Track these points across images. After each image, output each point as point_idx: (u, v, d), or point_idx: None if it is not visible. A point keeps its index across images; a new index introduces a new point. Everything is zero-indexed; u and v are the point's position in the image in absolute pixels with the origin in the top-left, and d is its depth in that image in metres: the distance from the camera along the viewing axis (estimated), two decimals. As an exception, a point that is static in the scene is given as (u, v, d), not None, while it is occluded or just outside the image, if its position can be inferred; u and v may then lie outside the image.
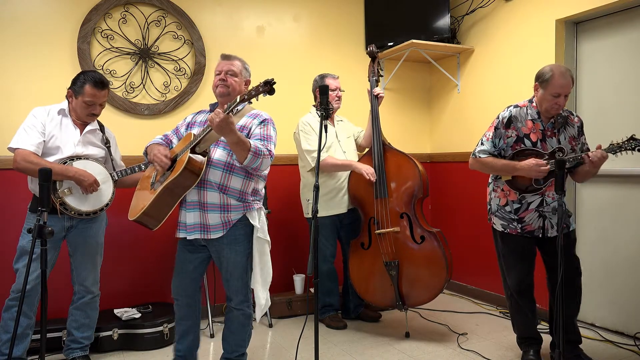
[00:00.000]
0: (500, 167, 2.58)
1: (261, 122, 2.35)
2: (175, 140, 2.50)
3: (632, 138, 2.32)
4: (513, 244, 2.61)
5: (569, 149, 2.54)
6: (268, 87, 2.00)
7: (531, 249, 2.62)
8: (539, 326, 2.78)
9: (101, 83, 2.60)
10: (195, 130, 2.39)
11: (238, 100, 2.08)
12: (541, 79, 2.49)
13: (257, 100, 2.08)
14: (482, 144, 2.65)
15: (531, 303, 2.66)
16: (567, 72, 2.44)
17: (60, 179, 2.52)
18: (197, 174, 2.19)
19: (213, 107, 2.47)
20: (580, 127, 2.60)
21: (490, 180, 2.74)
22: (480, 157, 2.64)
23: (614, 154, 2.36)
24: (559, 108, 2.49)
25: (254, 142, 2.19)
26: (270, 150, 2.26)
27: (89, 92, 2.57)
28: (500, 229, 2.64)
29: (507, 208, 2.60)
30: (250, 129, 2.33)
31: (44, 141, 2.55)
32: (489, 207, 2.73)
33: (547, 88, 2.46)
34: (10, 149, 2.52)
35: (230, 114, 2.08)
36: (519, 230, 2.57)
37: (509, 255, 2.64)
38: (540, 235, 2.57)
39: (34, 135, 2.52)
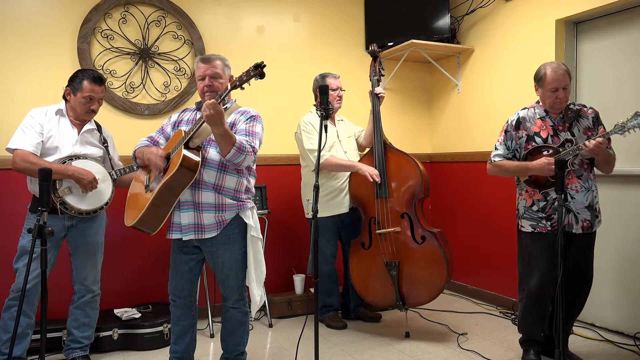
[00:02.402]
0: (513, 168, 2.63)
1: (249, 118, 2.34)
2: (162, 141, 2.45)
3: (636, 114, 2.30)
4: (544, 242, 2.57)
5: (585, 140, 2.53)
6: (259, 71, 1.96)
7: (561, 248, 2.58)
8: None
9: (99, 79, 2.63)
10: (183, 129, 2.36)
11: (229, 87, 2.06)
12: (537, 78, 2.57)
13: (249, 84, 2.03)
14: (495, 148, 2.71)
15: (546, 307, 2.63)
16: (559, 66, 2.49)
17: (59, 177, 2.52)
18: (194, 169, 2.17)
19: (199, 105, 2.46)
20: (596, 118, 2.60)
21: (516, 185, 2.75)
22: (495, 160, 2.69)
23: (621, 134, 2.34)
24: (562, 102, 2.52)
25: (239, 138, 2.17)
26: (254, 147, 2.25)
27: (87, 88, 2.59)
28: (529, 229, 2.61)
29: (534, 207, 2.60)
30: (237, 125, 2.32)
31: (42, 141, 2.55)
32: (517, 211, 2.72)
33: (544, 86, 2.53)
34: (8, 149, 2.52)
35: (221, 105, 2.06)
36: (549, 228, 2.56)
37: (540, 255, 2.58)
38: (573, 231, 2.54)
39: (32, 135, 2.52)
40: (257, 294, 2.34)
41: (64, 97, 2.66)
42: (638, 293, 3.04)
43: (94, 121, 2.77)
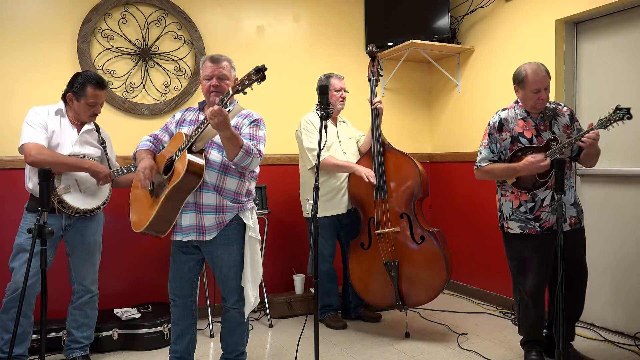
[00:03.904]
0: (501, 172, 2.61)
1: (252, 122, 2.34)
2: (166, 139, 2.46)
3: (617, 108, 2.34)
4: (534, 244, 2.57)
5: (565, 138, 2.55)
6: (260, 75, 1.97)
7: (551, 248, 2.57)
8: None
9: (102, 83, 2.62)
10: (185, 129, 2.36)
11: (231, 92, 2.06)
12: (518, 80, 2.57)
13: (251, 89, 2.04)
14: (480, 152, 2.70)
15: (543, 307, 2.63)
16: (540, 67, 2.50)
17: (76, 170, 2.54)
18: (200, 174, 2.17)
19: (201, 104, 2.46)
20: (571, 115, 2.62)
21: (497, 187, 2.74)
22: (481, 166, 2.68)
23: (604, 128, 2.37)
24: (544, 102, 2.54)
25: (245, 141, 2.18)
26: (259, 150, 2.25)
27: (91, 94, 2.58)
28: (518, 231, 2.60)
29: (522, 209, 2.59)
30: (240, 129, 2.32)
31: (47, 137, 2.55)
32: (499, 213, 2.71)
33: (525, 87, 2.53)
34: (20, 147, 2.50)
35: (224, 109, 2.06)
36: (538, 229, 2.56)
37: (532, 256, 2.58)
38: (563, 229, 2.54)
39: (41, 130, 2.53)
40: (252, 295, 2.33)
41: (63, 98, 2.65)
42: (638, 293, 3.04)
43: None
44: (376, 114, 3.24)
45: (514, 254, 2.68)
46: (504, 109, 2.68)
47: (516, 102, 2.67)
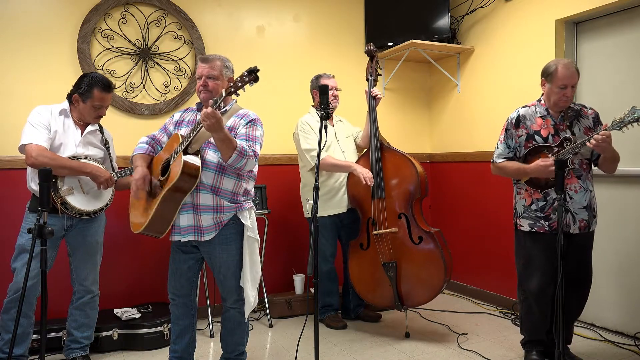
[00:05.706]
0: (513, 171, 2.63)
1: (248, 122, 2.33)
2: (165, 139, 2.46)
3: (633, 109, 2.30)
4: (542, 242, 2.57)
5: (585, 139, 2.52)
6: (253, 76, 1.99)
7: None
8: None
9: (109, 86, 2.63)
10: (183, 130, 2.36)
11: (224, 94, 2.07)
12: (546, 73, 2.55)
13: (244, 91, 2.06)
14: (497, 148, 2.71)
15: (547, 307, 2.62)
16: (571, 64, 2.50)
17: (78, 174, 2.53)
18: (195, 175, 2.17)
19: (199, 105, 2.46)
20: (596, 118, 2.60)
21: (513, 185, 2.75)
22: (496, 162, 2.69)
23: (619, 129, 2.33)
24: (568, 100, 2.52)
25: (240, 142, 2.18)
26: (255, 151, 2.25)
27: (98, 97, 2.58)
28: (527, 228, 2.61)
29: (533, 207, 2.59)
30: (237, 129, 2.32)
31: (50, 138, 2.54)
32: (514, 210, 2.71)
33: (553, 81, 2.51)
34: (21, 147, 2.49)
35: (218, 111, 2.07)
36: (547, 228, 2.56)
37: (539, 255, 2.58)
38: (570, 231, 2.53)
39: (43, 131, 2.52)
40: (252, 295, 2.33)
41: (69, 99, 2.65)
42: (638, 293, 3.04)
43: None
44: (373, 101, 3.25)
45: (522, 251, 2.67)
46: (524, 106, 2.68)
47: (538, 100, 2.66)
